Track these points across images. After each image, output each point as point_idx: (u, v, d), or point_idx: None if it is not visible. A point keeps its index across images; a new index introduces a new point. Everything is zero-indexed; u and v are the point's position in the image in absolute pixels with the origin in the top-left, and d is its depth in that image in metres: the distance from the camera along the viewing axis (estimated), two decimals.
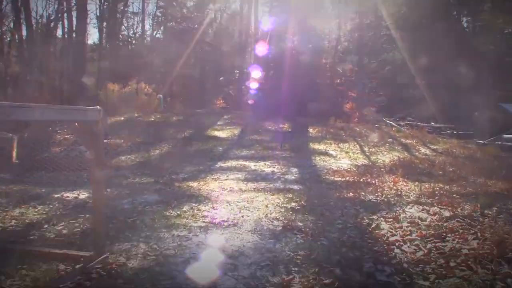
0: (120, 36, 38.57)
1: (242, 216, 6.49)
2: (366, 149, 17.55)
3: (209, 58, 39.16)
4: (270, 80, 28.79)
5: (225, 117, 23.78)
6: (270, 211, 6.86)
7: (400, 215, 6.36)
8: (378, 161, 14.86)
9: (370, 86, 29.91)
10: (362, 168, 13.15)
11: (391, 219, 6.09)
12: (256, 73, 32.52)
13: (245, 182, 10.12)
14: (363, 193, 8.42)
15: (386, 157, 15.68)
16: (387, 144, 18.78)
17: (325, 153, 15.97)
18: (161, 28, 39.35)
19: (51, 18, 29.43)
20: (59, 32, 34.99)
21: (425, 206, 6.97)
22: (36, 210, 6.81)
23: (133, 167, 13.10)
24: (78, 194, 8.29)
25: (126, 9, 38.93)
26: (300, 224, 5.98)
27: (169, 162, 13.92)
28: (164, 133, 19.23)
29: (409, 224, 5.82)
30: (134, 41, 40.10)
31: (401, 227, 5.72)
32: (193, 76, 38.65)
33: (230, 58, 38.58)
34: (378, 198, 7.92)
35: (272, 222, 6.15)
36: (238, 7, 41.16)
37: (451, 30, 32.99)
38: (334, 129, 21.58)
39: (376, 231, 5.62)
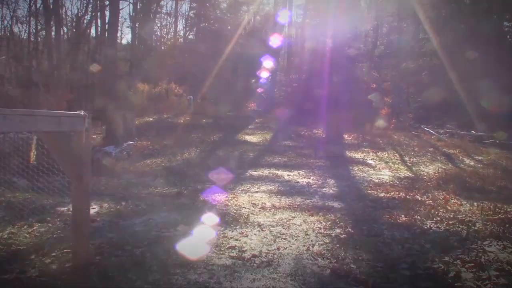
0: (154, 36, 37.64)
1: (278, 249, 5.14)
2: (406, 159, 15.99)
3: (241, 60, 37.90)
4: (303, 84, 27.36)
5: (256, 120, 22.51)
6: (311, 241, 5.49)
7: (481, 257, 4.87)
8: (422, 173, 13.32)
9: (407, 91, 28.17)
10: (405, 181, 11.69)
11: (472, 264, 4.61)
12: (288, 76, 31.22)
13: (279, 196, 8.78)
14: (418, 217, 6.97)
15: (429, 169, 14.11)
16: (429, 154, 17.15)
17: (363, 163, 14.49)
18: (194, 29, 38.22)
19: (84, 16, 28.76)
20: (92, 31, 34.25)
21: (505, 242, 5.46)
22: (30, 230, 5.60)
23: (157, 173, 11.89)
24: None
25: (159, 9, 38.00)
26: (353, 266, 4.59)
27: (196, 168, 12.70)
28: (193, 136, 18.03)
29: (498, 273, 4.34)
30: (166, 42, 39.11)
31: (489, 278, 4.24)
32: (225, 78, 37.46)
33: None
34: (439, 226, 6.46)
35: (316, 260, 4.78)
36: (272, 9, 39.84)
37: (492, 35, 31.01)
38: (371, 136, 20.02)
39: (458, 284, 4.17)
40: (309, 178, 11.38)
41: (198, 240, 5.40)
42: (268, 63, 34.75)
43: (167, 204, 7.62)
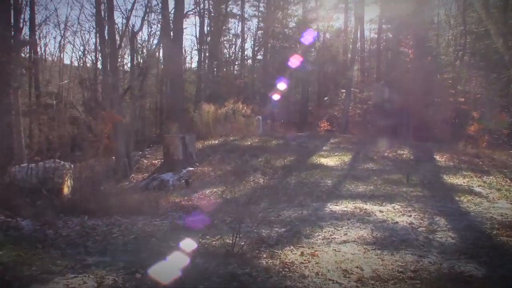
0: (222, 58, 35.61)
1: None
2: None
3: (311, 78, 35.07)
4: (382, 100, 24.04)
5: (331, 141, 19.43)
6: None
7: None
8: None
9: (501, 104, 24.02)
10: None
11: None
12: (362, 93, 27.96)
13: (378, 251, 5.82)
14: None
15: None
16: None
17: (470, 191, 11.11)
18: (262, 49, 35.83)
19: (151, 38, 27.17)
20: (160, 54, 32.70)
21: None
22: None
23: (213, 208, 9.24)
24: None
25: (226, 30, 35.96)
26: None
27: (261, 201, 9.92)
28: (260, 160, 15.29)
29: None
30: (235, 62, 36.96)
31: None
32: (295, 98, 34.74)
33: (334, 78, 34.25)
34: None
35: None
36: (342, 25, 36.82)
37: None
38: (467, 157, 16.34)
39: None
40: (410, 216, 8.29)
41: None
42: (340, 80, 31.73)
43: (212, 272, 4.81)
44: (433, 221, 7.97)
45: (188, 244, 5.82)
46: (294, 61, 30.99)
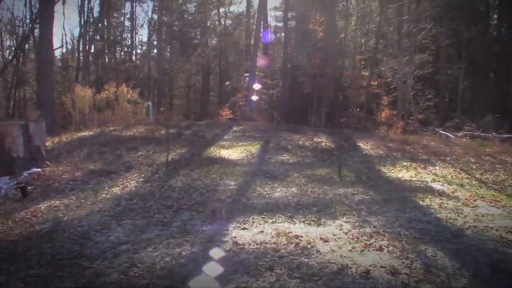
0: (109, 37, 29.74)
1: None
2: (478, 175, 9.04)
3: (212, 65, 30.60)
4: (289, 84, 20.25)
5: (234, 129, 15.20)
6: None
7: None
8: None
9: (415, 88, 21.29)
10: None
11: None
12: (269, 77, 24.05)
13: None
14: None
15: None
16: (497, 166, 10.25)
17: (431, 190, 7.50)
18: (158, 34, 30.56)
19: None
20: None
21: None
22: None
23: (42, 237, 4.64)
24: None
25: (113, 13, 30.14)
26: None
27: (118, 225, 5.43)
28: (140, 155, 10.67)
29: None
30: (125, 48, 31.20)
31: None
32: (195, 85, 30.09)
33: (237, 65, 30.13)
34: None
35: None
36: (244, 9, 32.78)
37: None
38: (394, 144, 12.89)
39: None
40: (381, 251, 4.29)
41: None
42: (243, 66, 27.63)
43: None
44: (427, 260, 3.98)
45: None
46: (193, 46, 26.58)
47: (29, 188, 8.52)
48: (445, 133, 18.85)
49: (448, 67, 24.01)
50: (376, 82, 20.60)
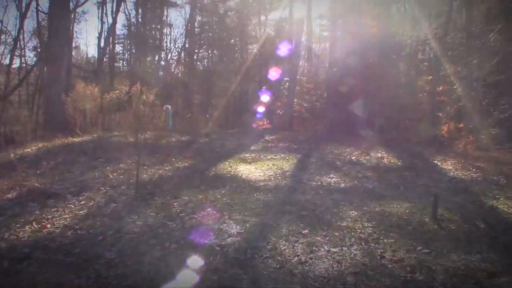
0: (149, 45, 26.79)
1: None
2: None
3: (253, 71, 26.98)
4: (334, 91, 16.20)
5: (266, 138, 11.34)
6: None
7: None
8: None
9: (486, 96, 16.65)
10: None
11: None
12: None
13: None
14: None
15: None
16: None
17: None
18: (194, 36, 27.18)
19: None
20: None
21: None
22: None
23: None
24: None
25: (155, 17, 27.08)
26: None
27: None
28: (116, 169, 7.04)
29: None
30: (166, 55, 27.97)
31: None
32: (232, 92, 26.56)
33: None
34: None
35: None
36: (287, 14, 29.05)
37: None
38: (483, 163, 8.65)
39: None
40: None
41: None
42: (285, 73, 23.85)
43: None
44: None
45: None
46: (230, 51, 23.29)
47: None
48: None
49: None
50: (441, 88, 16.17)
